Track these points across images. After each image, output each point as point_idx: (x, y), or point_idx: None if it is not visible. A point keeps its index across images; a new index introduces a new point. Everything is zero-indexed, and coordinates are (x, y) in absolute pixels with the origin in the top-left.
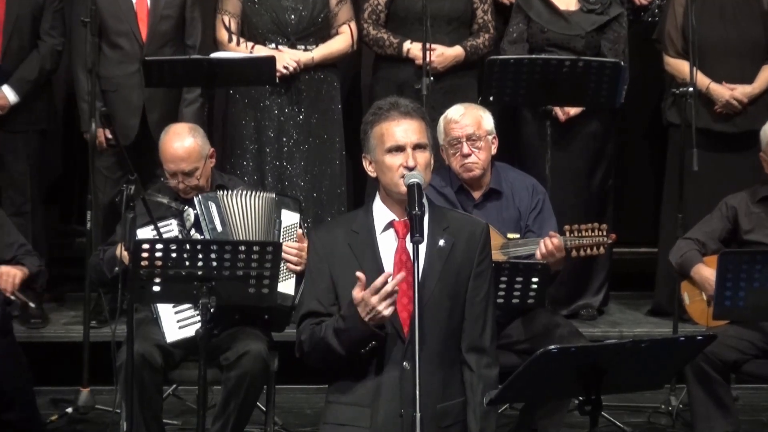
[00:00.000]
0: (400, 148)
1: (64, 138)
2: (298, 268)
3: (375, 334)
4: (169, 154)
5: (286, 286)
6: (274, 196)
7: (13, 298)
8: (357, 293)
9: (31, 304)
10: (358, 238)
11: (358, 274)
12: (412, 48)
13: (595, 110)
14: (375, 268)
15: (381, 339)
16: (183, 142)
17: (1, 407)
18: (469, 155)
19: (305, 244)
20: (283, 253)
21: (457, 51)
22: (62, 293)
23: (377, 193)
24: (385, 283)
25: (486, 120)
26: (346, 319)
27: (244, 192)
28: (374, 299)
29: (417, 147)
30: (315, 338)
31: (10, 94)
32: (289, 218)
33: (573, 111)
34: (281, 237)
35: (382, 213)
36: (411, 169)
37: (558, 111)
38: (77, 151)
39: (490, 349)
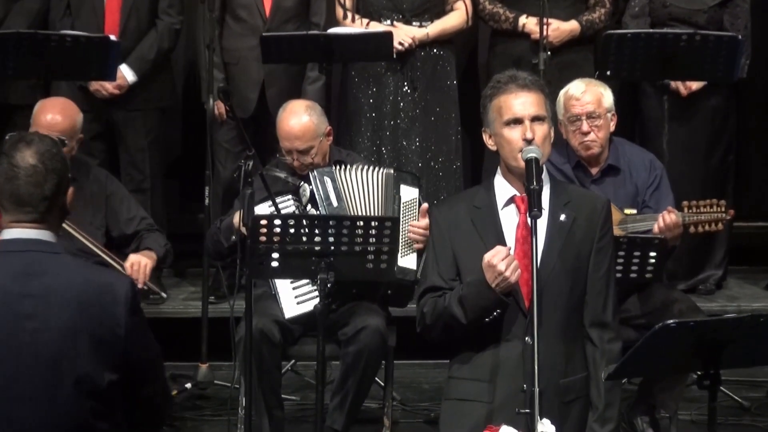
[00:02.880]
0: (518, 121)
1: (184, 114)
2: (422, 245)
3: (501, 302)
4: (285, 131)
5: (408, 261)
6: (392, 171)
7: (145, 288)
8: (488, 256)
9: (163, 295)
10: (481, 214)
11: (490, 254)
12: (528, 22)
13: (716, 84)
14: (497, 243)
15: (505, 307)
16: (300, 119)
17: (138, 383)
18: (588, 133)
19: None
20: (410, 231)
21: (572, 25)
22: (181, 269)
23: (498, 168)
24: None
25: (606, 97)
26: (473, 286)
27: (360, 167)
28: (502, 264)
29: (535, 119)
30: (438, 309)
31: (128, 74)
32: (409, 193)
33: (695, 86)
34: (401, 212)
35: (503, 188)
36: (529, 142)
37: (680, 85)
38: (198, 126)
39: (613, 324)
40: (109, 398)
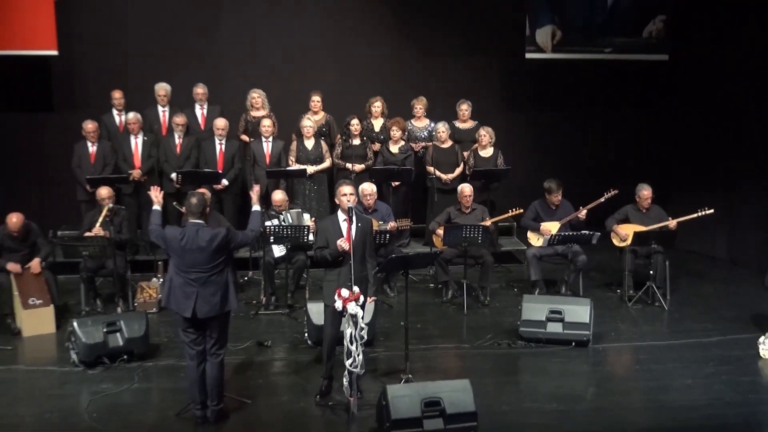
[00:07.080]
0: (346, 194)
1: (242, 193)
2: (314, 229)
3: (341, 254)
4: (279, 198)
5: (311, 238)
6: (300, 210)
7: None
8: (338, 241)
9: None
10: (334, 223)
11: (339, 240)
12: (348, 165)
13: (408, 183)
14: (340, 234)
15: (344, 255)
16: (283, 195)
17: (237, 247)
18: (369, 200)
19: (314, 224)
20: (311, 226)
21: (362, 166)
22: None
23: (338, 209)
24: (344, 238)
25: (374, 188)
26: (332, 249)
27: (296, 209)
28: (341, 243)
29: (351, 194)
30: (322, 255)
31: (225, 181)
32: (306, 216)
33: (399, 183)
34: (306, 222)
35: (341, 216)
36: (350, 201)
37: (395, 184)
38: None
39: (374, 256)
40: (226, 257)
